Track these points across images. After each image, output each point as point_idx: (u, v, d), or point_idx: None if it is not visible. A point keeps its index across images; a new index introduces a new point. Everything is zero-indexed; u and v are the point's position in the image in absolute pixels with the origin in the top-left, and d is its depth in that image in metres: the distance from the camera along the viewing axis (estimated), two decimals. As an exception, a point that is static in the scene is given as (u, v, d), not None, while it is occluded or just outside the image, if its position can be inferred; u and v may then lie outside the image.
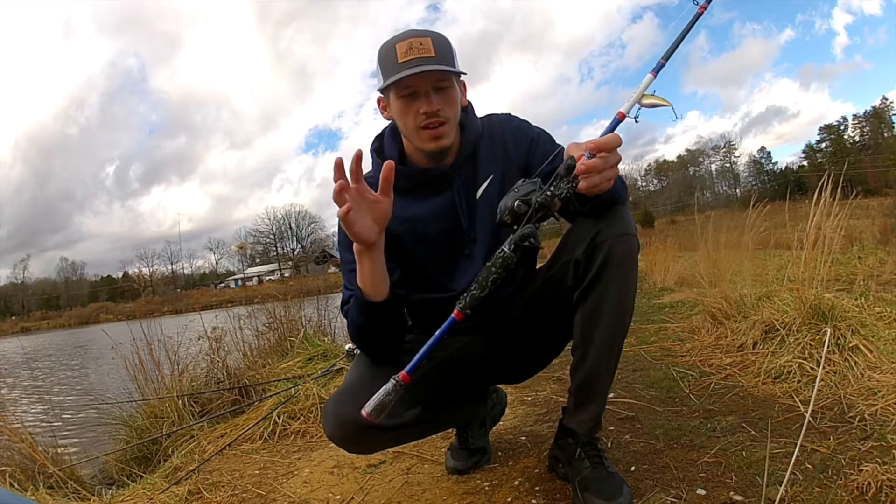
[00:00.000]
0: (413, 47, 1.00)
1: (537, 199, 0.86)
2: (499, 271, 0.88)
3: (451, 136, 1.08)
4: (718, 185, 48.34)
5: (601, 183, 0.87)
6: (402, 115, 1.06)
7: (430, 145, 1.06)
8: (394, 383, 0.83)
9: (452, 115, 1.06)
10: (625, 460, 1.28)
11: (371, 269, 0.98)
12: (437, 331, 0.86)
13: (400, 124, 1.09)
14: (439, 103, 1.03)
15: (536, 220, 0.87)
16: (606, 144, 0.85)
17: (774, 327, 1.88)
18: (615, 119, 0.90)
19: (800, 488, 1.04)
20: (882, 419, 1.29)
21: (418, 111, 1.03)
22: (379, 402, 0.83)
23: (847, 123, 43.77)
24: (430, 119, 1.03)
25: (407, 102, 1.03)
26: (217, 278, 52.55)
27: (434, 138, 1.05)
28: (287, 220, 49.39)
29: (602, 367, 1.08)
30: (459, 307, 0.88)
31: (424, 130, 1.04)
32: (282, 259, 47.82)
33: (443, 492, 1.30)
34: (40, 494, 1.73)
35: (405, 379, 0.83)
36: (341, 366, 2.67)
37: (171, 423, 2.32)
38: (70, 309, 47.42)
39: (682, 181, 47.93)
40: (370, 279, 0.98)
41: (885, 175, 31.87)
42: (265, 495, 1.48)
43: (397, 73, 0.99)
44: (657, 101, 0.88)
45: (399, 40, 1.02)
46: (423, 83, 1.01)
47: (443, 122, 1.04)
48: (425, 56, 1.00)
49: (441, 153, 1.09)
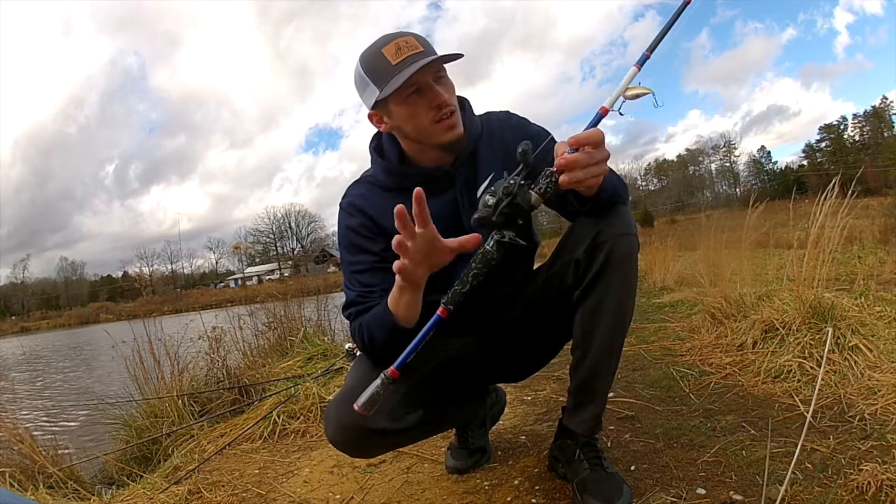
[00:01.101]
0: (401, 47, 0.99)
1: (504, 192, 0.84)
2: (479, 267, 0.86)
3: (461, 125, 1.07)
4: (718, 184, 48.38)
5: (586, 179, 0.85)
6: (412, 116, 1.03)
7: (447, 136, 1.04)
8: (383, 378, 0.83)
9: (456, 104, 1.07)
10: (624, 460, 1.29)
11: (409, 300, 0.95)
12: (424, 328, 0.85)
13: (409, 127, 1.05)
14: (445, 93, 1.02)
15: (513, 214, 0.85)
16: (587, 139, 0.84)
17: (774, 327, 1.88)
18: (598, 114, 0.88)
19: (800, 488, 1.04)
20: (882, 419, 1.29)
21: (429, 105, 1.01)
22: (370, 396, 0.83)
23: (847, 123, 43.80)
24: (443, 110, 1.02)
25: (414, 101, 1.01)
26: (217, 278, 52.54)
27: (450, 128, 1.04)
28: (287, 219, 49.45)
29: (602, 366, 1.08)
30: (443, 303, 0.86)
31: (439, 124, 1.03)
32: (281, 258, 47.82)
33: (443, 491, 1.30)
34: (40, 494, 1.73)
35: (394, 374, 0.83)
36: (341, 365, 2.66)
37: (171, 422, 2.32)
38: (70, 309, 47.42)
39: (681, 181, 47.94)
40: (405, 308, 0.96)
41: (884, 175, 31.87)
42: (265, 495, 1.48)
43: (398, 75, 0.97)
44: (639, 91, 0.87)
45: (383, 45, 1.00)
46: (425, 77, 1.00)
47: (454, 110, 1.04)
48: (416, 52, 0.99)
49: (457, 142, 1.07)
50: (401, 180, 1.11)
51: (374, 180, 1.15)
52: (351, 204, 1.14)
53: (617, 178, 1.02)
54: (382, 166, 1.14)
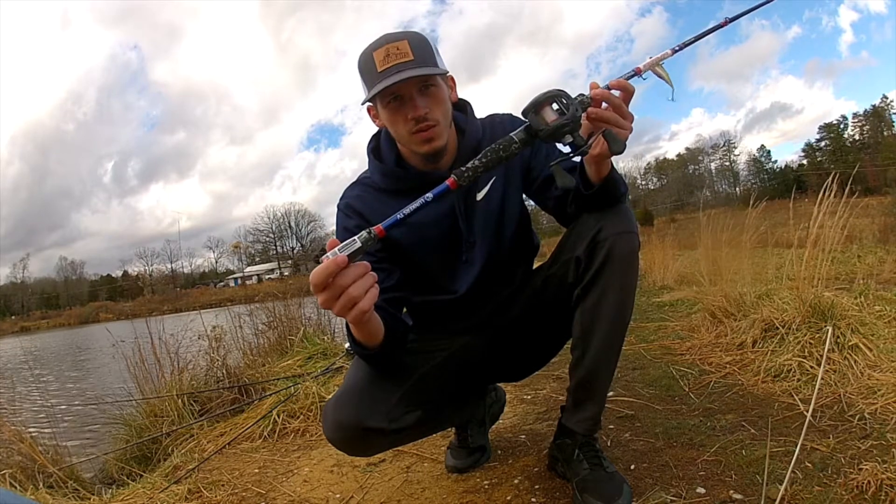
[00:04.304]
0: (390, 53, 0.98)
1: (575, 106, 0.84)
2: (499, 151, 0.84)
3: (445, 136, 1.06)
4: (718, 183, 48.36)
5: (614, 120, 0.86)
6: (391, 123, 1.04)
7: (423, 148, 1.04)
8: (367, 233, 0.77)
9: (441, 115, 1.04)
10: (624, 459, 1.29)
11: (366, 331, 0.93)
12: (428, 193, 0.80)
13: (392, 131, 1.07)
14: (426, 105, 1.01)
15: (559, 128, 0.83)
16: (623, 85, 0.87)
17: (774, 326, 1.89)
18: (632, 71, 0.93)
19: (799, 487, 1.04)
20: (882, 418, 1.29)
21: (407, 117, 1.01)
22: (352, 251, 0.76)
23: (847, 122, 43.77)
24: (420, 124, 1.01)
25: (394, 109, 1.01)
26: (217, 277, 52.52)
27: (426, 141, 1.03)
28: (287, 218, 49.39)
29: (602, 364, 1.08)
30: (454, 175, 0.82)
31: (416, 135, 1.03)
32: (281, 258, 47.81)
33: (442, 490, 1.30)
34: (40, 494, 1.73)
35: (380, 233, 0.77)
36: (341, 364, 2.66)
37: (171, 421, 2.32)
38: (70, 308, 47.36)
39: (681, 179, 47.92)
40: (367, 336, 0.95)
41: (884, 174, 31.87)
42: (265, 494, 1.48)
43: (378, 83, 0.97)
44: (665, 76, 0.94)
45: (375, 48, 0.99)
46: (407, 88, 0.99)
47: (433, 125, 1.02)
48: (404, 61, 0.97)
49: (436, 154, 1.06)
50: (396, 182, 1.12)
51: (371, 182, 1.16)
52: (347, 205, 1.14)
53: (618, 173, 1.02)
54: (379, 168, 1.14)
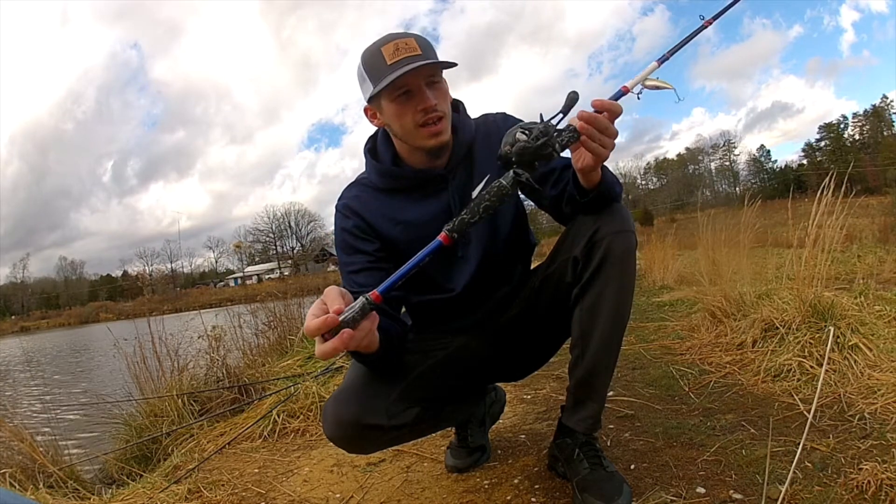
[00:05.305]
0: (399, 48, 1.00)
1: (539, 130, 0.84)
2: (491, 200, 0.83)
3: (449, 131, 1.08)
4: (718, 183, 48.39)
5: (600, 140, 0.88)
6: (398, 116, 1.04)
7: (430, 142, 1.05)
8: (364, 302, 0.77)
9: (447, 109, 1.07)
10: (624, 458, 1.29)
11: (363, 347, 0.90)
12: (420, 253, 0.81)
13: (396, 126, 1.07)
14: (435, 98, 1.03)
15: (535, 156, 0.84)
16: (610, 106, 0.89)
17: (774, 326, 1.88)
18: (619, 91, 0.93)
19: (799, 487, 1.04)
20: (882, 418, 1.29)
21: (416, 108, 1.02)
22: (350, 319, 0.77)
23: (847, 122, 43.78)
24: (429, 115, 1.03)
25: (402, 102, 1.02)
26: (217, 277, 52.54)
27: (434, 135, 1.05)
28: (287, 218, 49.33)
29: (601, 363, 1.08)
30: (447, 230, 0.82)
31: (423, 128, 1.04)
32: (281, 258, 47.81)
33: (442, 490, 1.30)
34: (40, 494, 1.73)
35: (377, 299, 0.78)
36: (340, 364, 2.66)
37: (171, 421, 2.32)
38: (70, 308, 47.35)
39: (681, 179, 47.96)
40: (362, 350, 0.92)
41: (883, 174, 31.89)
42: (265, 494, 1.48)
43: (390, 74, 0.98)
44: (660, 84, 0.94)
45: (383, 44, 1.01)
46: (417, 80, 1.01)
47: (441, 117, 1.04)
48: (413, 55, 0.99)
49: (441, 149, 1.08)
50: (393, 182, 1.13)
51: (368, 182, 1.17)
52: (345, 206, 1.15)
53: (612, 174, 1.03)
54: (375, 168, 1.15)
